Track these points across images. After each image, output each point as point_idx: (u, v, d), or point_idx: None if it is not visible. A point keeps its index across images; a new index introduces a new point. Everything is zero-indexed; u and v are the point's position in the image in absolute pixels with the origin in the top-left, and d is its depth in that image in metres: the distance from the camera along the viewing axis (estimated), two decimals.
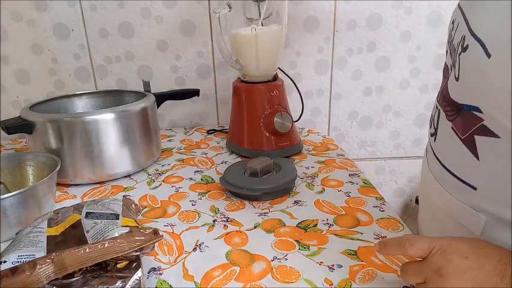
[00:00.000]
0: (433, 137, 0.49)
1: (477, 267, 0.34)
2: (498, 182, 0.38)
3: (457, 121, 0.41)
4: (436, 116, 0.47)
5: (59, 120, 0.66)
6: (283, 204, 0.62)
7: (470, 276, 0.34)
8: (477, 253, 0.35)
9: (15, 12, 0.92)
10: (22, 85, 0.99)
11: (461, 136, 0.40)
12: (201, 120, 1.08)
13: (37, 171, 0.66)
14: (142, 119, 0.74)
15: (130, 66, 1.00)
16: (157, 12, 0.95)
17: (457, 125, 0.41)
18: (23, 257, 0.41)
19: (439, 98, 0.46)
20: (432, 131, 0.50)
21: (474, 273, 0.34)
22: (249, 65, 0.80)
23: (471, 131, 0.39)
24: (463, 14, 0.41)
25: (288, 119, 0.78)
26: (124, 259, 0.41)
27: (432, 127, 0.50)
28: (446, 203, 0.47)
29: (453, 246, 0.36)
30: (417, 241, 0.37)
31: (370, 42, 1.01)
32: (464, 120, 0.40)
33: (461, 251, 0.35)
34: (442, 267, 0.35)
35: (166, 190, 0.68)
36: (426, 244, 0.37)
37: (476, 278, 0.34)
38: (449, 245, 0.36)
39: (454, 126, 0.42)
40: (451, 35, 0.45)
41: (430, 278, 0.36)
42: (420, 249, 0.37)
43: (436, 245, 0.36)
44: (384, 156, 1.15)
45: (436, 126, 0.47)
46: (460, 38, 0.40)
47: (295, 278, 0.45)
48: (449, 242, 0.36)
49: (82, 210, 0.49)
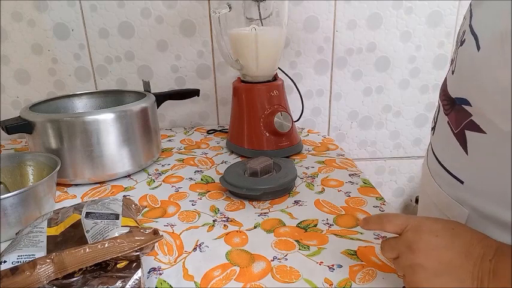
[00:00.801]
0: (433, 131, 0.50)
1: (445, 246, 0.36)
2: (483, 177, 0.39)
3: (452, 115, 0.42)
4: (437, 110, 0.48)
5: (59, 120, 0.66)
6: (283, 204, 0.62)
7: (437, 254, 0.36)
8: (448, 233, 0.36)
9: (15, 12, 0.92)
10: (22, 85, 0.99)
11: (455, 130, 0.41)
12: (201, 120, 1.08)
13: (37, 171, 0.66)
14: (142, 119, 0.74)
15: (130, 66, 1.00)
16: (157, 12, 0.95)
17: (451, 119, 0.42)
18: (23, 257, 0.41)
19: (440, 93, 0.47)
20: (432, 125, 0.51)
21: (442, 251, 0.36)
22: (249, 65, 0.80)
23: (462, 125, 0.40)
24: (470, 11, 0.42)
25: (288, 119, 0.78)
26: (124, 259, 0.41)
27: (433, 121, 0.51)
28: (437, 196, 0.48)
29: (426, 225, 0.38)
30: (394, 218, 0.40)
31: (370, 42, 1.01)
32: (457, 115, 0.41)
33: (433, 229, 0.37)
34: (413, 243, 0.37)
35: (166, 190, 0.68)
36: (402, 221, 0.39)
37: (443, 256, 0.35)
38: (423, 224, 0.38)
39: (449, 121, 0.43)
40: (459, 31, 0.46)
41: (402, 253, 0.38)
42: (396, 225, 0.39)
43: (410, 223, 0.38)
44: (384, 156, 1.15)
45: (436, 121, 0.48)
46: (462, 32, 0.41)
47: (295, 278, 0.45)
48: (423, 221, 0.38)
49: (82, 210, 0.49)
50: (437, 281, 0.35)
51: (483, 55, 0.35)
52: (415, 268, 0.37)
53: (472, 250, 0.35)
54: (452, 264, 0.35)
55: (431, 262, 0.36)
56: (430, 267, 0.36)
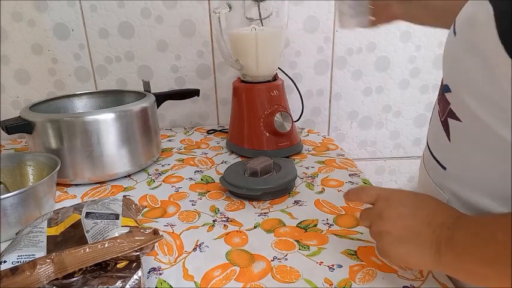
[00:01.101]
0: (430, 121, 0.52)
1: (410, 215, 0.39)
2: (462, 164, 0.41)
3: (440, 104, 0.44)
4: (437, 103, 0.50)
5: (59, 120, 0.66)
6: (283, 204, 0.62)
7: (402, 222, 0.39)
8: (415, 203, 0.40)
9: (15, 12, 0.92)
10: (22, 85, 0.99)
11: (441, 119, 0.43)
12: (201, 120, 1.08)
13: (37, 171, 0.66)
14: (142, 119, 0.74)
15: (130, 66, 1.00)
16: (157, 12, 0.95)
17: (440, 108, 0.44)
18: (23, 257, 0.41)
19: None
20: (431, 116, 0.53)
21: (407, 219, 0.39)
22: (249, 65, 0.80)
23: (445, 114, 0.42)
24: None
25: (288, 119, 0.78)
26: (124, 259, 0.41)
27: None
28: (424, 182, 0.49)
29: (396, 195, 0.41)
30: (369, 189, 0.44)
31: (370, 42, 1.01)
32: (443, 104, 0.43)
33: (401, 199, 0.41)
34: (382, 211, 0.41)
35: (166, 190, 0.68)
36: (375, 192, 0.43)
37: (407, 224, 0.39)
38: (393, 195, 0.42)
39: (439, 110, 0.45)
40: None
41: (373, 221, 0.42)
42: (369, 195, 0.43)
43: (382, 193, 0.42)
44: (384, 156, 1.15)
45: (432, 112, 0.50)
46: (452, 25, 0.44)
47: (295, 278, 0.45)
48: (394, 192, 0.42)
49: (82, 210, 0.49)
50: (401, 246, 0.39)
51: (458, 39, 0.37)
52: (382, 234, 0.40)
53: (433, 219, 0.38)
54: (414, 231, 0.38)
55: (396, 229, 0.39)
56: (395, 233, 0.39)
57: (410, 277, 0.45)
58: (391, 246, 0.40)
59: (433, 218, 0.38)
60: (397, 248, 0.39)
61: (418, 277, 0.45)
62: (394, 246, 0.39)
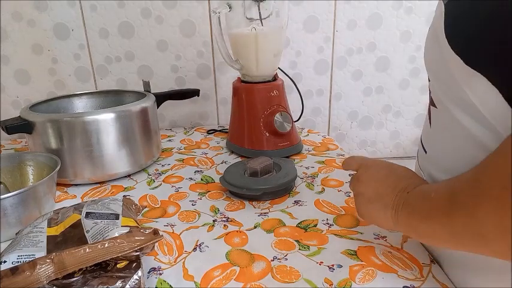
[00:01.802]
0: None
1: (381, 179, 0.44)
2: (438, 147, 0.44)
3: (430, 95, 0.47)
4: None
5: (59, 120, 0.66)
6: (283, 204, 0.62)
7: (374, 185, 0.44)
8: (388, 170, 0.45)
9: (15, 12, 0.92)
10: (22, 85, 0.99)
11: (429, 109, 0.46)
12: (201, 120, 1.08)
13: (37, 171, 0.66)
14: (142, 119, 0.74)
15: (130, 66, 1.00)
16: (157, 12, 0.95)
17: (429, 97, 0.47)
18: (23, 257, 0.41)
19: None
20: None
21: (378, 183, 0.44)
22: (249, 65, 0.80)
23: (429, 102, 0.45)
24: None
25: (288, 119, 0.78)
26: (124, 259, 0.41)
27: None
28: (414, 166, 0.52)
29: (374, 164, 0.47)
30: (356, 158, 0.50)
31: (370, 42, 1.01)
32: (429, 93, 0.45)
33: (378, 166, 0.46)
34: (360, 175, 0.47)
35: (166, 190, 0.68)
36: (359, 160, 0.49)
37: (377, 187, 0.44)
38: (373, 163, 0.47)
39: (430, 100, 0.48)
40: None
41: (353, 183, 0.48)
42: (354, 163, 0.49)
43: (364, 162, 0.48)
44: (384, 156, 1.15)
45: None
46: None
47: (295, 278, 0.45)
48: (374, 161, 0.48)
49: (82, 210, 0.49)
50: (370, 206, 0.44)
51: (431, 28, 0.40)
52: (357, 195, 0.47)
53: (398, 184, 0.42)
54: (381, 193, 0.43)
55: (368, 191, 0.45)
56: (366, 194, 0.45)
57: (410, 277, 0.45)
58: (362, 206, 0.46)
59: (398, 183, 0.42)
60: (367, 207, 0.45)
61: (418, 277, 0.45)
62: (365, 205, 0.45)
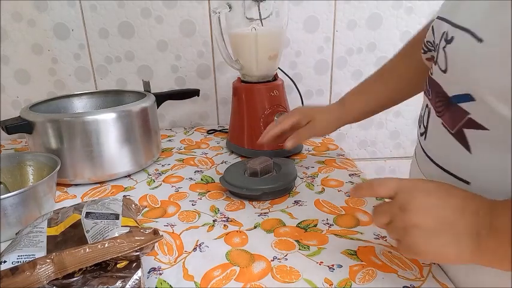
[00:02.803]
0: (423, 136, 0.50)
1: (441, 204, 0.36)
2: (491, 174, 0.38)
3: (446, 116, 0.42)
4: (426, 114, 0.48)
5: (59, 120, 0.66)
6: (283, 204, 0.62)
7: (433, 213, 0.36)
8: (442, 192, 0.37)
9: (15, 12, 0.92)
10: (22, 85, 0.99)
11: (451, 130, 0.41)
12: (201, 120, 1.08)
13: (37, 171, 0.66)
14: (143, 119, 0.74)
15: (130, 66, 1.00)
16: (157, 12, 0.95)
17: (446, 120, 0.42)
18: (23, 257, 0.41)
19: (430, 96, 0.46)
20: (422, 130, 0.50)
21: (438, 209, 0.36)
22: (249, 65, 0.80)
23: (459, 124, 0.39)
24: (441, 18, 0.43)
25: None
26: (124, 259, 0.41)
27: (422, 126, 0.51)
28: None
29: (419, 186, 0.38)
30: (386, 181, 0.39)
31: (370, 42, 1.01)
32: (452, 114, 0.40)
33: (425, 189, 0.37)
34: (406, 203, 0.37)
35: (166, 190, 0.68)
36: (394, 184, 0.39)
37: (438, 214, 0.35)
38: (416, 185, 0.38)
39: (443, 122, 0.42)
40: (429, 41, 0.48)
41: (396, 215, 0.38)
42: (389, 188, 0.39)
43: (403, 185, 0.38)
44: (384, 156, 1.15)
45: (426, 125, 0.48)
46: (441, 34, 0.41)
47: (295, 278, 0.45)
48: (416, 182, 0.39)
49: (82, 210, 0.49)
50: (434, 239, 0.35)
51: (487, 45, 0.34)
52: (410, 229, 0.36)
53: (466, 206, 0.35)
54: (447, 221, 0.35)
55: (427, 221, 0.36)
56: (425, 226, 0.36)
57: (411, 277, 0.45)
58: (422, 241, 0.36)
59: (466, 206, 0.35)
60: (430, 241, 0.35)
61: (418, 277, 0.45)
62: (426, 240, 0.35)
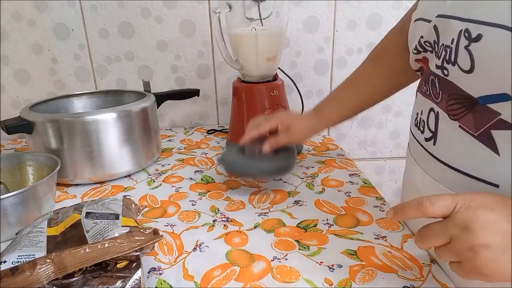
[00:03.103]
0: (431, 140, 0.48)
1: (504, 218, 0.34)
2: None
3: (467, 119, 0.40)
4: (433, 118, 0.46)
5: (59, 120, 0.66)
6: (283, 204, 0.62)
7: (499, 228, 0.33)
8: (501, 204, 0.34)
9: (15, 12, 0.92)
10: (22, 85, 0.99)
11: (475, 133, 0.39)
12: (201, 120, 1.08)
13: (37, 171, 0.66)
14: (143, 119, 0.74)
15: (130, 66, 1.00)
16: (157, 12, 0.95)
17: (466, 122, 0.40)
18: (23, 257, 0.41)
19: (439, 99, 0.45)
20: (428, 135, 0.49)
21: (503, 224, 0.33)
22: (249, 65, 0.80)
23: (486, 126, 0.38)
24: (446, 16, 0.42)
25: None
26: (124, 259, 0.41)
27: (427, 131, 0.49)
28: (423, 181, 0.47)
29: (477, 201, 0.35)
30: (438, 199, 0.36)
31: (370, 42, 1.01)
32: (477, 116, 0.39)
33: (485, 204, 0.35)
34: (469, 222, 0.34)
35: (166, 190, 0.68)
36: (449, 201, 0.35)
37: (505, 229, 0.33)
38: (473, 200, 0.35)
39: (462, 125, 0.41)
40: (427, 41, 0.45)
41: (457, 235, 0.35)
42: (443, 206, 0.35)
43: (459, 201, 0.35)
44: (384, 156, 1.15)
45: (435, 130, 0.46)
46: (458, 33, 0.40)
47: (295, 278, 0.45)
48: (472, 197, 0.35)
49: (82, 210, 0.49)
50: (505, 257, 0.33)
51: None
52: (477, 249, 0.34)
53: None
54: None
55: (494, 239, 0.33)
56: (494, 244, 0.33)
57: (411, 277, 0.45)
58: (492, 260, 0.33)
59: None
60: (501, 259, 0.33)
61: (418, 277, 0.45)
62: (497, 258, 0.33)
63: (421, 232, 0.38)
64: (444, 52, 0.42)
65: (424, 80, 0.49)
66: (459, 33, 0.39)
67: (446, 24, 0.41)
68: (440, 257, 0.37)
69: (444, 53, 0.42)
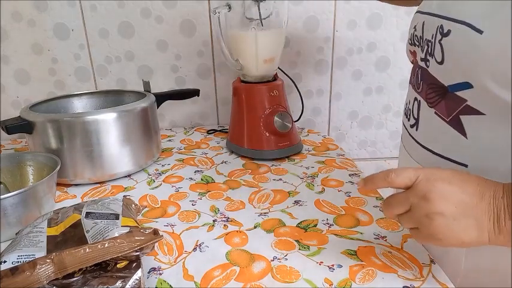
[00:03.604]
0: (414, 127, 0.52)
1: (460, 191, 0.38)
2: (488, 156, 0.41)
3: (441, 105, 0.44)
4: (416, 107, 0.50)
5: (59, 120, 0.66)
6: (283, 204, 0.62)
7: (453, 199, 0.38)
8: (458, 179, 0.39)
9: (15, 12, 0.92)
10: (22, 85, 0.99)
11: (447, 119, 0.43)
12: (201, 120, 1.08)
13: (37, 171, 0.66)
14: (143, 119, 0.74)
15: (130, 66, 1.00)
16: (157, 12, 0.95)
17: (440, 109, 0.44)
18: (23, 257, 0.41)
19: (420, 89, 0.49)
20: (412, 122, 0.53)
21: (457, 195, 0.38)
22: (249, 65, 0.80)
23: (456, 112, 0.42)
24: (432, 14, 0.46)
25: (288, 119, 0.78)
26: (124, 259, 0.41)
27: (412, 119, 0.53)
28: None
29: (437, 174, 0.39)
30: (403, 171, 0.40)
31: (370, 42, 1.01)
32: (448, 103, 0.43)
33: (444, 177, 0.39)
34: (427, 192, 0.38)
35: (166, 190, 0.68)
36: (412, 173, 0.39)
37: (459, 199, 0.37)
38: (433, 173, 0.39)
39: (437, 111, 0.45)
40: (416, 36, 0.50)
41: (416, 204, 0.39)
42: (406, 178, 0.39)
43: (420, 174, 0.39)
44: (384, 156, 1.15)
45: (417, 117, 0.50)
46: (436, 29, 0.44)
47: (295, 278, 0.45)
48: (432, 171, 0.40)
49: (82, 210, 0.49)
50: (456, 224, 0.37)
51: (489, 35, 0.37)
52: (432, 216, 0.38)
53: (483, 190, 0.37)
54: (468, 206, 0.37)
55: (448, 207, 0.37)
56: (449, 212, 0.37)
57: (410, 277, 0.45)
58: (445, 227, 0.38)
59: (484, 190, 0.37)
60: (453, 226, 0.38)
61: (418, 277, 0.45)
62: (449, 225, 0.38)
63: (386, 201, 0.42)
64: (427, 46, 0.46)
65: (412, 72, 0.53)
66: (436, 29, 0.44)
67: (430, 21, 0.46)
68: (401, 223, 0.41)
69: (427, 47, 0.46)
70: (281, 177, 0.71)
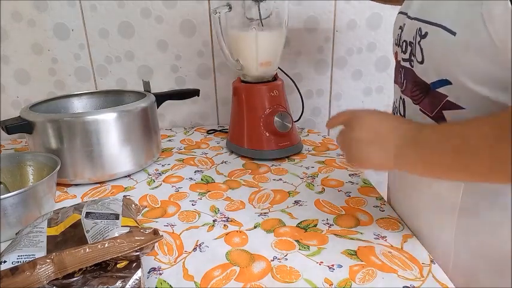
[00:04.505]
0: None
1: (378, 123, 0.47)
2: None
3: (425, 102, 0.47)
4: (401, 105, 0.54)
5: (59, 120, 0.66)
6: (283, 204, 0.62)
7: (370, 127, 0.47)
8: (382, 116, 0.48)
9: (15, 12, 0.92)
10: (22, 85, 0.99)
11: (431, 114, 0.46)
12: (201, 120, 1.08)
13: (37, 171, 0.66)
14: (143, 119, 0.74)
15: (130, 66, 1.00)
16: (157, 12, 0.95)
17: (424, 105, 0.47)
18: (23, 257, 0.41)
19: (404, 88, 0.53)
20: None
21: (374, 125, 0.47)
22: (249, 65, 0.80)
23: (438, 107, 0.45)
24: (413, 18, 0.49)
25: (288, 119, 0.78)
26: (124, 259, 0.41)
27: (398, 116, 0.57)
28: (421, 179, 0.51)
29: (365, 110, 0.50)
30: (344, 112, 0.51)
31: (370, 42, 1.01)
32: (431, 100, 0.46)
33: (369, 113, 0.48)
34: (351, 121, 0.48)
35: (166, 190, 0.68)
36: (349, 112, 0.50)
37: (374, 129, 0.46)
38: (363, 110, 0.50)
39: (421, 108, 0.48)
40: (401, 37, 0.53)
41: (343, 132, 0.49)
42: (344, 115, 0.50)
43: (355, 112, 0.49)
44: None
45: (404, 114, 0.53)
46: (415, 31, 0.47)
47: (295, 278, 0.45)
48: (365, 110, 0.50)
49: (82, 210, 0.49)
50: (368, 148, 0.46)
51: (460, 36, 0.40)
52: (350, 141, 0.48)
53: (399, 127, 0.45)
54: (380, 135, 0.45)
55: (364, 134, 0.46)
56: (363, 137, 0.46)
57: (410, 277, 0.45)
58: (359, 150, 0.46)
59: (399, 126, 0.45)
60: (365, 150, 0.46)
61: (418, 277, 0.45)
62: (363, 149, 0.46)
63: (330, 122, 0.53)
64: (410, 47, 0.50)
65: (395, 72, 0.57)
66: (416, 31, 0.47)
67: (411, 24, 0.49)
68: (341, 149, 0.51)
69: (410, 48, 0.50)
70: (281, 177, 0.71)
